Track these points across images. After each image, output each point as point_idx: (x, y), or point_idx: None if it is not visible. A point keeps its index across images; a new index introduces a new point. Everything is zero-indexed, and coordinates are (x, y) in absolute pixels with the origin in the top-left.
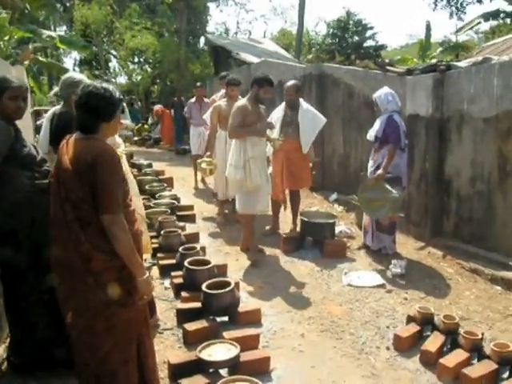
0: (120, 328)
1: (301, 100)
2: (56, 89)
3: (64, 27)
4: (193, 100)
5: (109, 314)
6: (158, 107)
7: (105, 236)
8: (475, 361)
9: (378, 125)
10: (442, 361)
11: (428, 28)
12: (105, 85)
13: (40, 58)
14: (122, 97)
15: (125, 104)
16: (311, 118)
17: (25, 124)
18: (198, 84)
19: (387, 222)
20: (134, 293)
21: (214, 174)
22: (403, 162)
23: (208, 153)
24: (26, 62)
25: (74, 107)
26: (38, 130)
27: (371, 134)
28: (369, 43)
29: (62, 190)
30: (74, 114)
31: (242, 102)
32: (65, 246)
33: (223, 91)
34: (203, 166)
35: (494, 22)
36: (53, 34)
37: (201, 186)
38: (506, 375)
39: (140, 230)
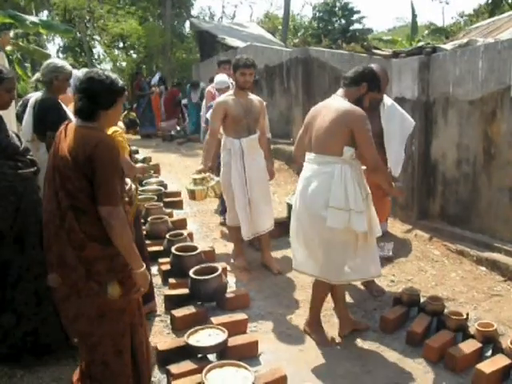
0: (112, 317)
1: (384, 95)
2: (37, 75)
3: (46, 12)
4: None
5: (100, 303)
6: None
7: (99, 225)
8: (460, 340)
9: None
10: (427, 341)
11: (412, 7)
12: (107, 72)
13: (21, 44)
14: (125, 87)
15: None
16: (399, 121)
17: (8, 112)
18: (224, 59)
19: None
20: (127, 282)
21: (207, 197)
22: None
23: (201, 167)
24: (9, 48)
25: (74, 92)
26: (17, 117)
27: None
28: (356, 27)
29: (56, 177)
30: (56, 99)
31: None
32: (56, 233)
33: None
34: (190, 187)
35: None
36: (35, 19)
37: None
38: (489, 353)
39: (131, 220)
